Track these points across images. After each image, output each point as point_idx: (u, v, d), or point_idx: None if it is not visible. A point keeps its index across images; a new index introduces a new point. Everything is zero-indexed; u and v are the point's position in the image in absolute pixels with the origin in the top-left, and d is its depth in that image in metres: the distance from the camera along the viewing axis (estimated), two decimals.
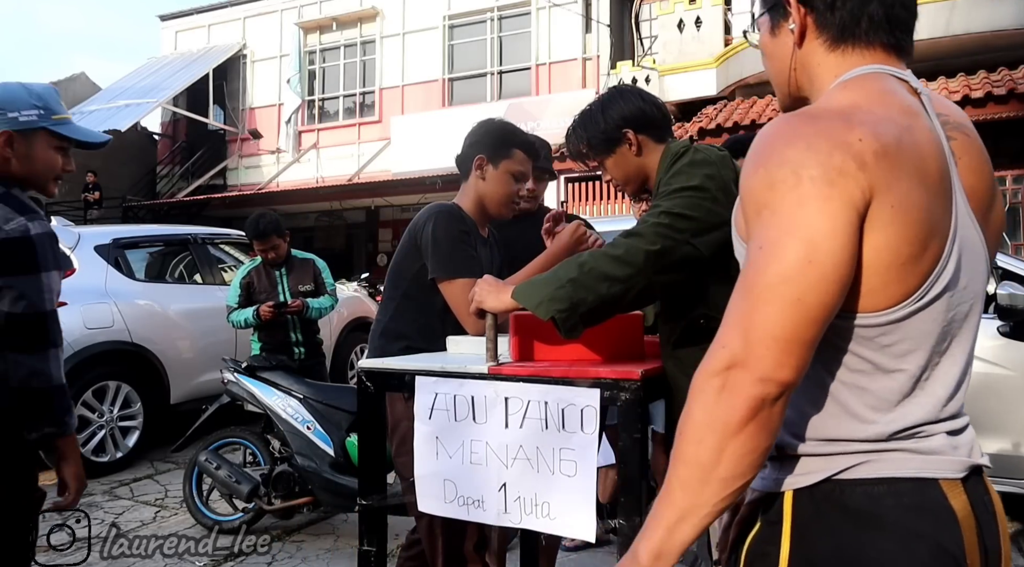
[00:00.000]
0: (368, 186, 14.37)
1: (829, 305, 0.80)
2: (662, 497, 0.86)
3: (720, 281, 1.62)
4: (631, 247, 1.49)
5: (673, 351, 1.66)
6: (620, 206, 10.19)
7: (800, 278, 0.79)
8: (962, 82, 8.49)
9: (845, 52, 0.93)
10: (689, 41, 11.45)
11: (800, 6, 0.94)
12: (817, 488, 0.87)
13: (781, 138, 0.85)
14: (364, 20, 15.92)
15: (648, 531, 0.87)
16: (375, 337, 2.17)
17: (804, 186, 0.80)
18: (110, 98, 16.03)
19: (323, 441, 3.48)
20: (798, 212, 0.80)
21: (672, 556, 0.86)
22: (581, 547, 3.31)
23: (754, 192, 0.85)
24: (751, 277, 0.83)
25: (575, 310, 1.46)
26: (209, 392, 4.90)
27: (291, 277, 4.34)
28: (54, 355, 1.62)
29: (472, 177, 2.15)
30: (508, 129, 2.17)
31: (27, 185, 1.71)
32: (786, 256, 0.80)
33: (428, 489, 1.67)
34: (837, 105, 0.88)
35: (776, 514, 0.90)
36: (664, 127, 1.78)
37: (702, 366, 0.85)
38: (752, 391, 0.80)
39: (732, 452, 0.81)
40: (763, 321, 0.80)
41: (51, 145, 1.69)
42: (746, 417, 0.80)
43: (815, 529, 0.87)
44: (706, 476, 0.82)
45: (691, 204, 1.53)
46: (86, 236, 5.31)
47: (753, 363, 0.80)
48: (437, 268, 2.00)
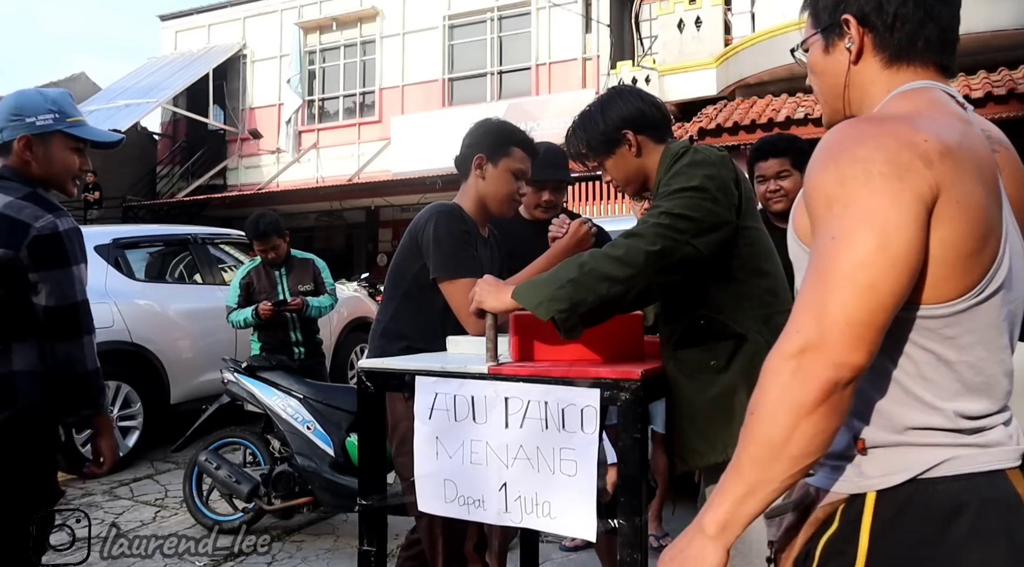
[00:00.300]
0: (368, 186, 14.37)
1: (899, 293, 0.85)
2: (731, 472, 0.91)
3: (720, 282, 1.62)
4: (631, 248, 1.49)
5: (674, 352, 1.66)
6: (620, 206, 10.19)
7: (874, 265, 0.83)
8: (962, 82, 8.49)
9: (900, 70, 1.00)
10: (689, 41, 11.44)
11: (860, 27, 1.00)
12: (900, 488, 0.90)
13: (850, 138, 0.90)
14: (364, 20, 15.92)
15: (715, 503, 0.91)
16: (375, 337, 2.17)
17: (876, 181, 0.85)
18: (110, 98, 16.02)
19: (323, 441, 3.48)
20: (871, 204, 0.85)
21: (738, 528, 0.90)
22: (581, 547, 3.31)
23: (824, 188, 0.89)
24: (824, 265, 0.86)
25: (575, 310, 1.46)
26: (209, 392, 4.90)
27: (291, 277, 4.34)
28: (88, 342, 1.75)
29: (472, 177, 2.15)
30: (506, 128, 2.17)
31: (47, 185, 1.81)
32: (861, 244, 0.84)
33: (428, 489, 1.67)
34: (899, 111, 0.94)
35: (855, 513, 0.93)
36: (663, 127, 1.78)
37: (776, 349, 0.88)
38: (826, 374, 0.83)
39: (803, 432, 0.85)
40: (838, 306, 0.84)
41: (67, 146, 1.78)
42: (820, 399, 0.83)
43: (895, 528, 0.90)
44: (777, 454, 0.86)
45: (691, 205, 1.53)
46: (86, 236, 5.26)
47: (828, 347, 0.83)
48: (438, 268, 2.00)
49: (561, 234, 2.04)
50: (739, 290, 1.62)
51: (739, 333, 1.60)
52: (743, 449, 0.89)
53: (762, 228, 1.70)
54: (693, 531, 0.93)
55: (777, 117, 8.91)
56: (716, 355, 1.61)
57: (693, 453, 1.62)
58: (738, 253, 1.62)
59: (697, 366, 1.63)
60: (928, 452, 0.90)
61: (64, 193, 1.86)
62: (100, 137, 1.89)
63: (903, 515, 0.90)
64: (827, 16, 1.04)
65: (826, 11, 1.04)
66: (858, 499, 0.93)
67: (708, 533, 0.91)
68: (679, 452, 1.66)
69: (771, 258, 1.69)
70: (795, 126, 8.80)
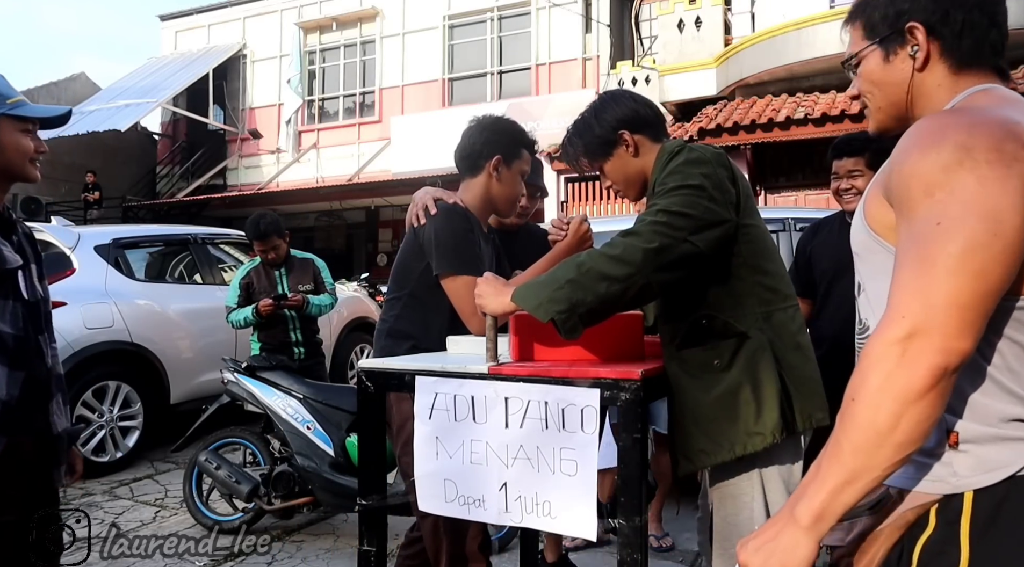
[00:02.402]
0: (368, 186, 14.36)
1: (1006, 279, 0.85)
2: (829, 460, 0.89)
3: (720, 280, 1.62)
4: (629, 246, 1.49)
5: (677, 352, 1.66)
6: (620, 206, 10.19)
7: (985, 251, 0.83)
8: None
9: (965, 74, 1.03)
10: (689, 41, 11.44)
11: (928, 36, 1.02)
12: (997, 487, 0.90)
13: (949, 127, 0.90)
14: (364, 20, 15.92)
15: (811, 492, 0.89)
16: (381, 337, 2.14)
17: (982, 168, 0.85)
18: (110, 98, 16.01)
19: (323, 441, 3.48)
20: (980, 190, 0.85)
21: (833, 518, 0.89)
22: (581, 547, 3.31)
23: (922, 175, 0.89)
24: (929, 251, 0.86)
25: (574, 311, 1.46)
26: (209, 392, 4.90)
27: (291, 277, 4.34)
28: None
29: (483, 175, 2.13)
30: (518, 129, 2.18)
31: (5, 174, 1.70)
32: (971, 230, 0.84)
33: (428, 489, 1.67)
34: (981, 105, 0.95)
35: (954, 514, 0.92)
36: (658, 126, 1.79)
37: (879, 335, 0.87)
38: (935, 360, 0.83)
39: (911, 418, 0.84)
40: (947, 292, 0.84)
41: (15, 129, 1.67)
42: (929, 385, 0.83)
43: (996, 527, 0.89)
44: (881, 441, 0.85)
45: (688, 202, 1.53)
46: (86, 236, 5.30)
47: (936, 332, 0.83)
48: (441, 264, 1.98)
49: (561, 236, 2.04)
50: (740, 288, 1.62)
51: (741, 331, 1.60)
52: (843, 436, 0.88)
53: (762, 225, 1.70)
54: (783, 521, 0.91)
55: (777, 117, 8.91)
56: (719, 354, 1.60)
57: (699, 453, 1.62)
58: (738, 251, 1.62)
59: (700, 366, 1.63)
60: (1022, 447, 0.89)
61: (26, 179, 1.73)
62: (45, 113, 1.76)
63: (1003, 514, 0.89)
64: (887, 26, 1.06)
65: (885, 21, 1.06)
66: (954, 499, 0.92)
67: (802, 524, 0.89)
68: (684, 452, 1.66)
69: (772, 255, 1.69)
70: (795, 126, 8.81)
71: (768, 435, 1.55)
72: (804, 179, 9.74)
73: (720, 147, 1.75)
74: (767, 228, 1.73)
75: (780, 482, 1.64)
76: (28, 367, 1.67)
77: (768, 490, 1.64)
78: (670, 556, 3.33)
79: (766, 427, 1.55)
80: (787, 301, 1.67)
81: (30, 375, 1.67)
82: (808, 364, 1.66)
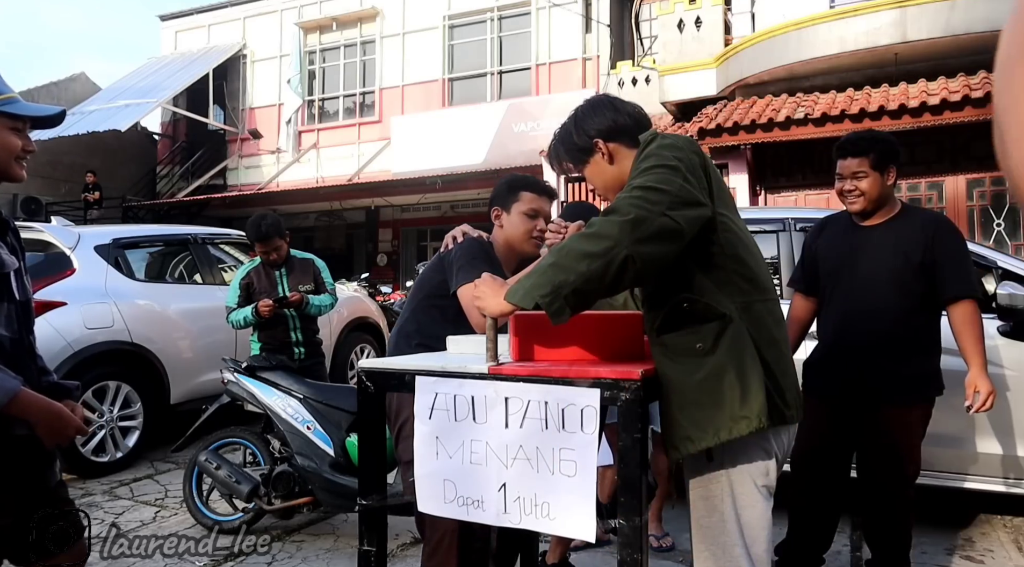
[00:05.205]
0: (368, 186, 14.37)
1: None
2: None
3: (701, 268, 1.62)
4: (605, 222, 1.49)
5: (658, 337, 1.65)
6: None
7: None
8: (962, 82, 8.49)
9: None
10: (689, 41, 11.43)
11: None
12: None
13: None
14: (364, 20, 15.92)
15: None
16: (393, 336, 2.38)
17: None
18: (110, 98, 16.02)
19: (323, 441, 3.48)
20: None
21: None
22: (581, 547, 3.31)
23: None
24: None
25: (558, 293, 1.45)
26: (209, 392, 4.90)
27: (291, 277, 4.35)
28: None
29: (495, 228, 2.44)
30: (513, 178, 2.46)
31: None
32: None
33: (428, 489, 1.67)
34: None
35: None
36: (637, 132, 1.80)
37: None
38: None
39: None
40: None
41: (3, 127, 1.64)
42: None
43: None
44: None
45: (663, 179, 1.53)
46: (86, 236, 5.30)
47: None
48: (457, 280, 2.18)
49: (560, 238, 2.06)
50: (720, 276, 1.61)
51: (723, 313, 1.58)
52: None
53: (737, 219, 1.70)
54: None
55: (777, 117, 8.90)
56: (702, 337, 1.58)
57: (684, 440, 1.59)
58: (717, 239, 1.61)
59: (682, 349, 1.60)
60: None
61: (11, 179, 1.68)
62: (36, 112, 1.71)
63: None
64: None
65: None
66: None
67: None
68: (671, 440, 1.64)
69: (750, 248, 1.68)
70: (795, 126, 8.80)
71: (754, 418, 1.52)
72: (804, 179, 9.74)
73: (718, 146, 1.75)
74: (744, 223, 1.73)
75: (751, 483, 1.62)
76: (24, 370, 1.67)
77: (737, 494, 1.62)
78: (670, 556, 3.33)
79: (752, 410, 1.52)
80: (766, 294, 1.67)
81: (26, 379, 1.67)
82: (783, 359, 1.65)
